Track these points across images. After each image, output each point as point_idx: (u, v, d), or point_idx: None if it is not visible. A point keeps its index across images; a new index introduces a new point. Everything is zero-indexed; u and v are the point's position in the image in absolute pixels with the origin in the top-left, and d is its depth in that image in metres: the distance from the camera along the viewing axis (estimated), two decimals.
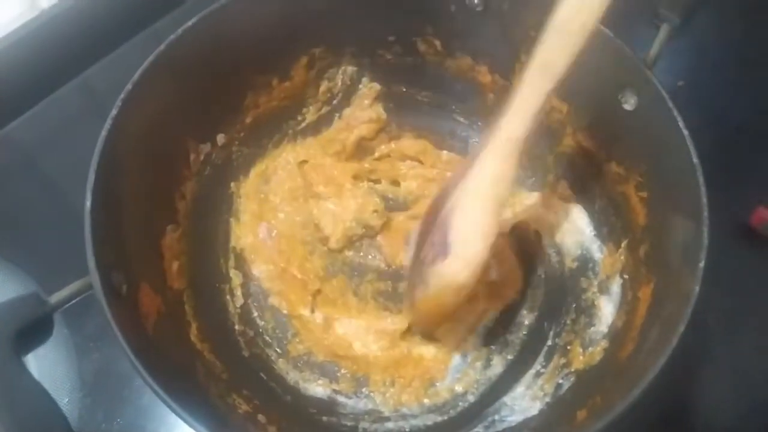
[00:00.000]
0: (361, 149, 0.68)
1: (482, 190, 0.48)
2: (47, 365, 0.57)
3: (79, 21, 0.74)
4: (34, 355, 0.46)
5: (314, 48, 0.63)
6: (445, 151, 0.68)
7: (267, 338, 0.60)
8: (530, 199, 0.62)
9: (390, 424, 0.55)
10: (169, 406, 0.40)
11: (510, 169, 0.48)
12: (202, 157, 0.60)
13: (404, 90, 0.67)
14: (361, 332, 0.59)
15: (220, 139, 0.61)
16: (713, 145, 0.65)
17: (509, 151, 0.47)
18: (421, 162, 0.67)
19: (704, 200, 0.46)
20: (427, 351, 0.58)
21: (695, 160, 0.47)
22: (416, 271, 0.53)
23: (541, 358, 0.57)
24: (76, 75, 0.75)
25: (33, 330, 0.40)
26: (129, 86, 0.50)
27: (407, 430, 0.55)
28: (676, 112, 0.48)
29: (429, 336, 0.58)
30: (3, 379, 0.36)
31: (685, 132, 0.48)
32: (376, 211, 0.62)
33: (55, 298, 0.42)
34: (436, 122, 0.68)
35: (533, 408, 0.53)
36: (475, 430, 0.53)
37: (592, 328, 0.55)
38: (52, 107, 0.73)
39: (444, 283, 0.49)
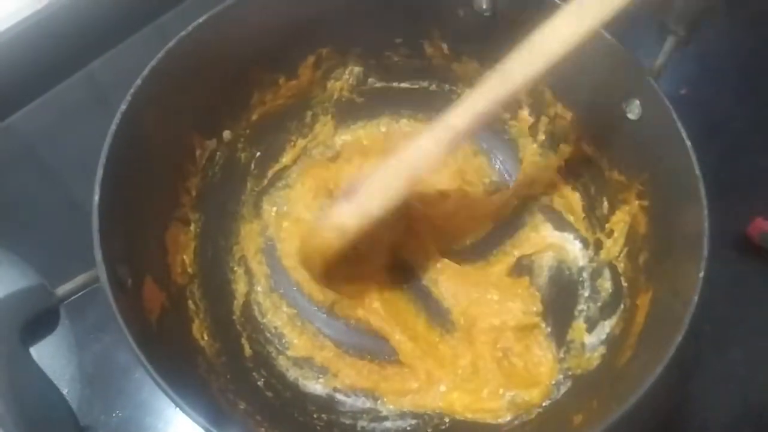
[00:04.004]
0: None
1: (404, 157, 0.48)
2: (47, 356, 0.57)
3: (84, 13, 0.74)
4: (35, 346, 0.46)
5: (321, 48, 0.63)
6: None
7: (268, 335, 0.60)
8: None
9: (388, 423, 0.56)
10: (170, 397, 0.41)
11: (437, 153, 0.48)
12: (207, 153, 0.60)
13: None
14: None
15: (226, 135, 0.61)
16: (712, 155, 0.66)
17: (444, 136, 0.47)
18: None
19: (705, 212, 0.46)
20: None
21: (697, 172, 0.47)
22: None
23: None
24: (80, 67, 0.75)
25: (39, 321, 0.41)
26: (138, 81, 0.50)
27: (406, 428, 0.56)
28: (679, 124, 0.49)
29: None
30: (10, 369, 0.36)
31: (688, 143, 0.48)
32: None
33: (61, 290, 0.42)
34: None
35: (530, 411, 0.54)
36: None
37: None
38: (55, 99, 0.73)
39: (327, 222, 0.50)
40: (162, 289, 0.52)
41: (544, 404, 0.54)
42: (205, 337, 0.55)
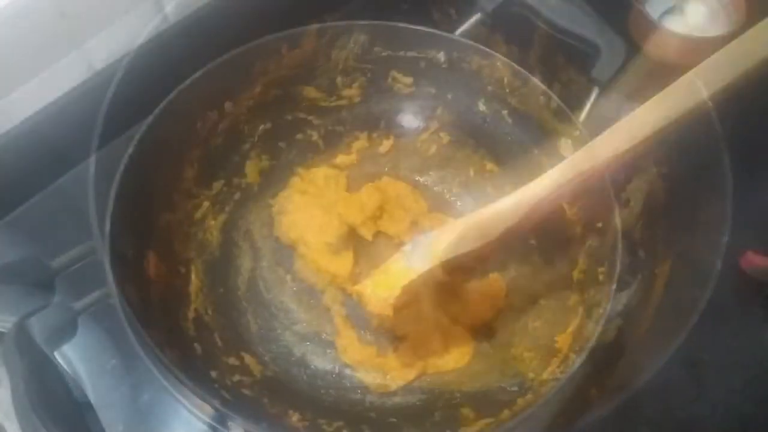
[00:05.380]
0: None
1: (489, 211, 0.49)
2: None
3: None
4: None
5: (325, 14, 0.61)
6: None
7: (273, 311, 0.59)
8: None
9: (397, 398, 0.55)
10: (176, 376, 0.40)
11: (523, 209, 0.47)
12: (209, 125, 0.58)
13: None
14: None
15: (228, 107, 0.59)
16: (706, 191, 0.63)
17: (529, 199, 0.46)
18: None
19: (729, 173, 0.44)
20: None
21: (718, 128, 0.45)
22: None
23: None
24: (77, 47, 0.73)
25: (62, 330, 0.42)
26: (135, 48, 0.48)
27: (416, 403, 0.54)
28: (701, 86, 0.46)
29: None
30: (39, 371, 0.38)
31: (710, 103, 0.46)
32: None
33: (57, 262, 0.42)
34: None
35: (545, 383, 0.52)
36: None
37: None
38: (52, 77, 0.71)
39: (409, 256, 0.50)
40: (163, 263, 0.50)
41: (558, 377, 0.52)
42: (210, 312, 0.54)
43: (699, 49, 0.73)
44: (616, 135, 0.44)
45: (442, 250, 0.48)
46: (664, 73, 0.42)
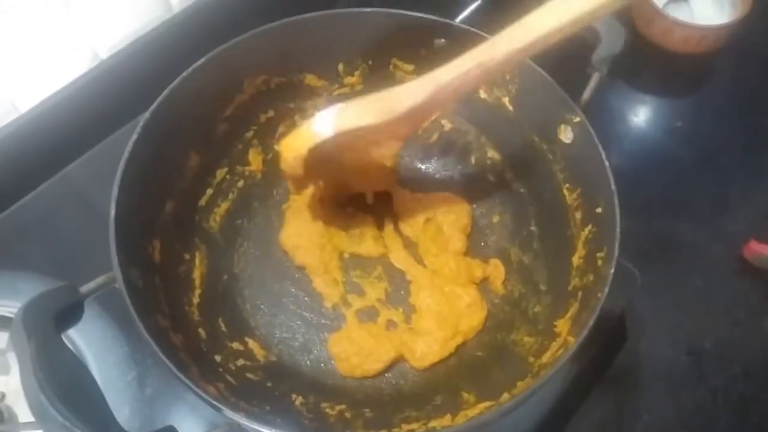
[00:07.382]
0: None
1: (389, 94, 0.51)
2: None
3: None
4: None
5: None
6: None
7: (276, 296, 0.59)
8: None
9: (399, 382, 0.55)
10: (178, 357, 0.41)
11: (418, 99, 0.50)
12: (212, 113, 0.59)
13: None
14: None
15: (231, 94, 0.59)
16: (710, 181, 0.66)
17: (428, 87, 0.49)
18: None
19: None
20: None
21: (613, 187, 0.50)
22: None
23: None
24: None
25: (68, 313, 0.45)
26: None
27: (417, 387, 0.55)
28: (600, 147, 0.51)
29: None
30: (47, 350, 0.41)
31: (606, 163, 0.50)
32: None
33: (84, 288, 0.46)
34: None
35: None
36: None
37: None
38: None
39: (308, 125, 0.53)
40: (169, 250, 0.52)
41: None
42: (214, 298, 0.55)
43: (703, 37, 0.74)
44: (518, 31, 0.46)
45: (346, 119, 0.51)
46: (668, 62, 0.42)
